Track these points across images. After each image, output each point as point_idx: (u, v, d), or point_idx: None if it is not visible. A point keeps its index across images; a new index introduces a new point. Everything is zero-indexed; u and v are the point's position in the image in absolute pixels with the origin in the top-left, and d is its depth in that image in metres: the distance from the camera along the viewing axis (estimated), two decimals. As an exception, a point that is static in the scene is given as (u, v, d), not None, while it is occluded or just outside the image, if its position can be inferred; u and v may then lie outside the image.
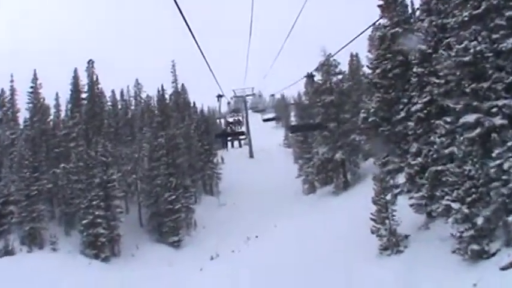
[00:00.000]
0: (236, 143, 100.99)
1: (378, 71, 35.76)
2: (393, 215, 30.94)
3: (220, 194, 73.83)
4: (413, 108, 29.03)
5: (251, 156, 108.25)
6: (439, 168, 25.73)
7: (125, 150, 64.07)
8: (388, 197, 31.52)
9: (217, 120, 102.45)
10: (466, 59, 23.94)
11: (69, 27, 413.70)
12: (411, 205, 31.71)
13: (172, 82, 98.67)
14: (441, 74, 26.00)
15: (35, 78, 68.94)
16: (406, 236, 30.62)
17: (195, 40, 11.12)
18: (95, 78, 79.46)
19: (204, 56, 13.62)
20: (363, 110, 38.34)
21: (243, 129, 44.14)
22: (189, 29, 10.01)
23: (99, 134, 66.85)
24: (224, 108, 70.76)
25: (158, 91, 78.52)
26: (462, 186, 22.49)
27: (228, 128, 42.80)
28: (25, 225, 48.54)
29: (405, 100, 32.28)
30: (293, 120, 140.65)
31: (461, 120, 24.05)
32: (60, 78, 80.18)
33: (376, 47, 37.72)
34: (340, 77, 57.14)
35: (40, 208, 50.04)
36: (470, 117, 23.78)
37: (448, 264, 24.20)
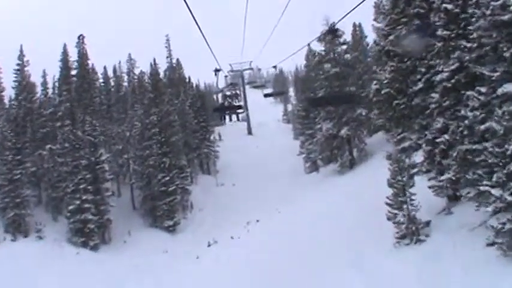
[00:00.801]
0: (234, 117, 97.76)
1: (390, 37, 31.88)
2: (412, 199, 27.30)
3: (218, 173, 70.39)
4: (437, 78, 25.09)
5: (249, 132, 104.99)
6: (474, 147, 21.92)
7: (115, 129, 60.28)
8: (405, 178, 27.87)
9: (214, 96, 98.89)
10: (505, 18, 20.10)
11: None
12: (430, 187, 28.18)
13: (167, 57, 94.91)
14: (473, 36, 22.17)
15: (21, 55, 64.78)
16: (428, 223, 26.97)
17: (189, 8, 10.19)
18: (86, 54, 76.31)
19: (198, 26, 12.56)
20: (375, 82, 34.55)
21: (241, 103, 40.80)
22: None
23: (89, 112, 63.45)
24: (222, 84, 67.28)
25: (151, 65, 74.46)
26: (504, 169, 18.83)
27: (226, 101, 39.69)
28: (9, 211, 45.20)
29: (423, 69, 28.48)
30: (292, 95, 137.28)
31: (500, 91, 20.23)
32: (49, 55, 76.54)
33: (388, 12, 33.67)
34: (344, 47, 53.19)
35: (24, 193, 46.62)
36: (511, 87, 20.02)
37: (482, 258, 20.69)
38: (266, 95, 55.77)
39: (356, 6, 12.55)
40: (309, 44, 59.88)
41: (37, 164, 52.62)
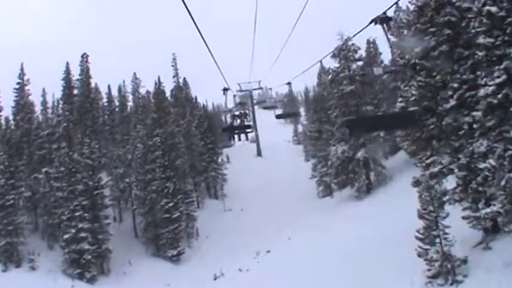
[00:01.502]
0: (243, 136, 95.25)
1: (416, 49, 28.54)
2: (446, 233, 23.74)
3: (226, 197, 66.70)
4: (481, 93, 21.58)
5: (259, 154, 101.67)
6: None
7: (116, 151, 56.76)
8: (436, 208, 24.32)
9: (223, 117, 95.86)
10: None
11: (62, 19, 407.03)
12: (465, 218, 24.63)
13: (174, 76, 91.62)
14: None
15: (22, 73, 62.10)
16: (465, 260, 23.34)
17: (197, 27, 10.55)
18: (88, 73, 74.20)
19: (206, 45, 12.81)
20: (400, 99, 31.01)
21: (250, 122, 37.94)
22: (191, 17, 9.58)
23: (87, 134, 60.77)
24: (231, 103, 63.83)
25: (155, 84, 71.32)
26: None
27: (235, 121, 37.12)
28: (0, 239, 41.75)
29: (455, 84, 25.07)
30: (302, 115, 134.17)
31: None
32: (52, 74, 74.09)
33: (413, 21, 30.26)
34: (360, 63, 49.84)
35: (17, 220, 43.28)
36: None
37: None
38: (278, 116, 51.55)
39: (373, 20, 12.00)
40: (321, 61, 56.90)
41: (33, 188, 49.58)
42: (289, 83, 44.01)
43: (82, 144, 48.70)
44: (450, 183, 26.80)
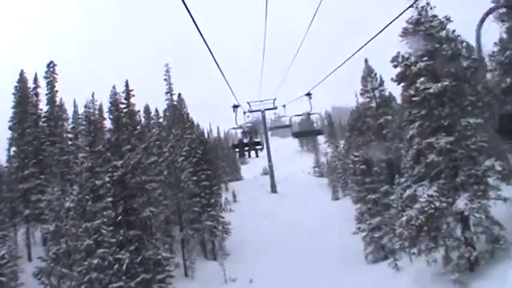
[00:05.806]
0: (253, 153, 79.54)
1: None
2: None
3: (229, 257, 45.81)
4: None
5: (273, 190, 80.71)
6: None
7: (47, 196, 36.04)
8: None
9: (230, 143, 77.52)
10: None
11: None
12: None
13: (167, 92, 71.18)
14: None
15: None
16: None
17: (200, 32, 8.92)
18: (54, 86, 58.75)
19: (215, 60, 10.98)
20: None
21: (259, 139, 28.91)
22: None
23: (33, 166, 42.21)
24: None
25: (125, 86, 48.31)
26: None
27: (245, 138, 28.21)
28: None
29: None
30: (320, 143, 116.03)
31: None
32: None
33: None
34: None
35: None
36: None
37: None
38: (295, 134, 35.92)
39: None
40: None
41: None
42: (308, 94, 26.56)
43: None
44: None
